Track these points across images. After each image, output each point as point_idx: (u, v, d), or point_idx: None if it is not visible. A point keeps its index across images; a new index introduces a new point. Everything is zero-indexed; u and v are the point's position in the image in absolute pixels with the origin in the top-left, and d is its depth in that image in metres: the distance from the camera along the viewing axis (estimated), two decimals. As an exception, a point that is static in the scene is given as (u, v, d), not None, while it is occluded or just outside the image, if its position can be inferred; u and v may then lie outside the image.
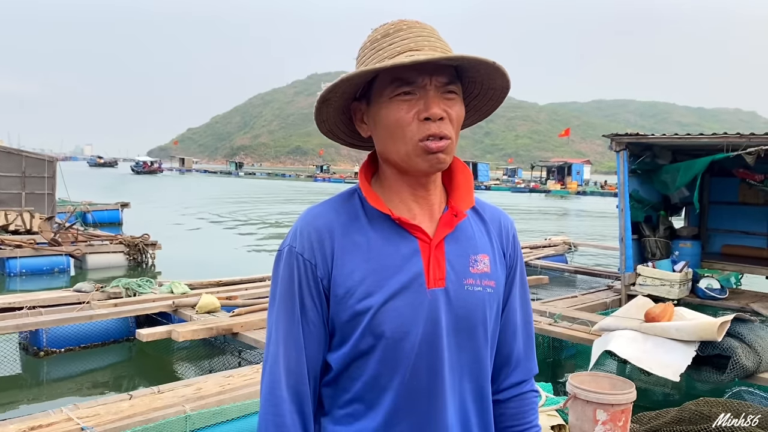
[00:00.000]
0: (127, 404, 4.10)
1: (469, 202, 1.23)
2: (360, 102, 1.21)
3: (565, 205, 39.21)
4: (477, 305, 1.20)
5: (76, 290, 7.18)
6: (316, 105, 1.17)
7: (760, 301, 7.54)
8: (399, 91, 1.12)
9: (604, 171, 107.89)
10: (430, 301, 1.15)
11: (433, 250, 1.17)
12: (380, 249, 1.16)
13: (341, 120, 1.25)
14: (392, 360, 1.14)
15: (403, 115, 1.12)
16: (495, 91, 1.23)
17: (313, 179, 75.15)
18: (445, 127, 1.13)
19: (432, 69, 1.12)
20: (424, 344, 1.14)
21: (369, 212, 1.20)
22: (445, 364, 1.16)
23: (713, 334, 4.64)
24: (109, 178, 45.78)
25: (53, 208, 14.56)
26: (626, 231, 7.45)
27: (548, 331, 6.08)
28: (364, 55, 1.18)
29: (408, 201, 1.21)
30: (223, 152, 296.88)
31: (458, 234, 1.22)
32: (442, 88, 1.13)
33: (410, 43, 1.12)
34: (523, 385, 1.34)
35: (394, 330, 1.13)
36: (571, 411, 3.41)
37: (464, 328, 1.19)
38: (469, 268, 1.21)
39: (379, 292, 1.14)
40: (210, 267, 11.63)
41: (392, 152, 1.16)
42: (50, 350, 6.39)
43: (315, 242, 1.17)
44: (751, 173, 8.05)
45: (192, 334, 5.99)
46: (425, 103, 1.12)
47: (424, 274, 1.16)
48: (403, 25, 1.16)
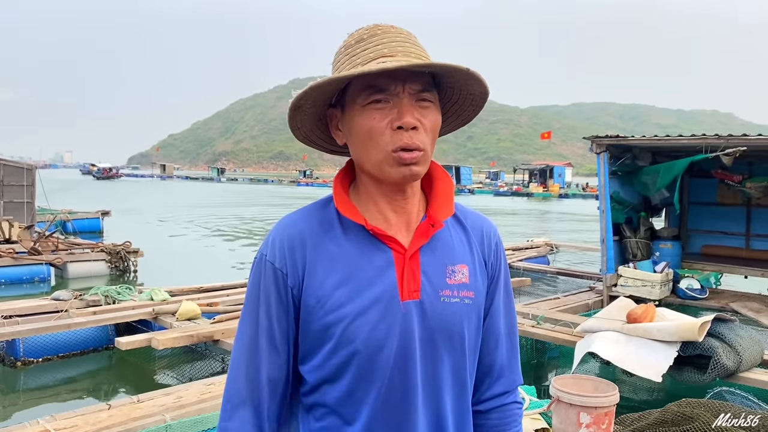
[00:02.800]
0: (105, 414, 4.03)
1: (448, 211, 1.20)
2: (335, 108, 1.18)
3: (547, 207, 39.46)
4: (454, 317, 1.17)
5: (54, 299, 7.07)
6: (289, 113, 1.14)
7: (739, 301, 7.62)
8: (371, 98, 1.09)
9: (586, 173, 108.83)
10: (404, 314, 1.12)
11: (407, 261, 1.14)
12: (353, 260, 1.14)
13: (317, 126, 1.22)
14: (367, 374, 1.12)
15: (375, 123, 1.09)
16: (474, 96, 1.20)
17: (296, 184, 75.01)
18: (419, 136, 1.09)
19: (405, 76, 1.08)
20: (399, 358, 1.12)
21: (344, 221, 1.17)
22: (418, 378, 1.13)
23: (694, 334, 4.67)
24: (69, 183, 45.21)
25: (32, 216, 14.35)
26: (607, 232, 7.50)
27: (531, 333, 6.09)
28: (339, 61, 1.15)
29: (385, 210, 1.18)
30: (205, 158, 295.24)
31: (435, 244, 1.19)
32: (416, 96, 1.10)
33: (383, 49, 1.10)
34: (506, 397, 1.30)
35: (368, 343, 1.10)
36: (554, 414, 3.41)
37: (441, 340, 1.16)
38: (446, 279, 1.18)
39: (350, 304, 1.11)
40: (193, 273, 11.52)
41: (365, 161, 1.14)
42: (27, 360, 6.28)
43: (287, 251, 1.14)
44: (729, 174, 8.15)
45: (172, 342, 5.91)
46: (398, 111, 1.09)
47: (397, 286, 1.13)
48: (378, 30, 1.13)
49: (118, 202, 28.19)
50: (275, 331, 1.16)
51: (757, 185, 8.04)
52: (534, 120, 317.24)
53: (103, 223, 19.34)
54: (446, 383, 1.18)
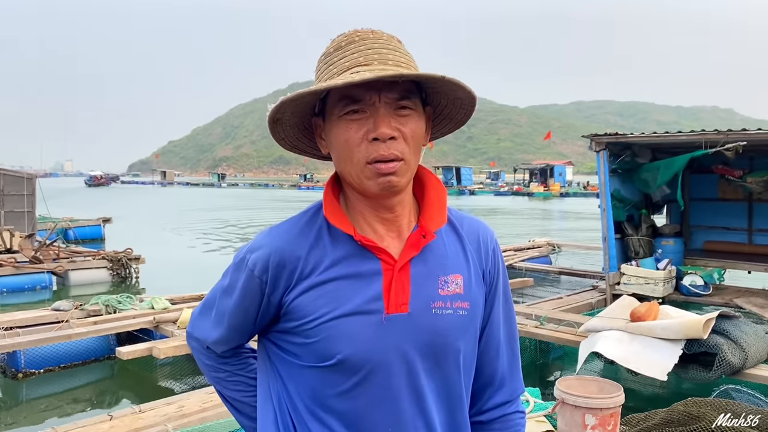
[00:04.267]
0: (107, 425, 4.01)
1: (441, 220, 1.16)
2: (318, 117, 1.15)
3: (549, 206, 39.42)
4: (447, 329, 1.13)
5: (55, 309, 7.04)
6: (269, 126, 1.12)
7: (743, 296, 7.58)
8: (347, 109, 1.06)
9: (586, 172, 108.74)
10: (387, 327, 1.09)
11: (396, 273, 1.11)
12: (340, 270, 1.10)
13: (304, 135, 1.19)
14: (349, 389, 1.09)
15: (351, 135, 1.06)
16: (462, 101, 1.16)
17: (297, 188, 75.07)
18: (396, 146, 1.05)
19: (381, 85, 1.04)
20: (382, 372, 1.08)
21: (332, 231, 1.13)
22: (404, 394, 1.10)
23: (699, 331, 4.64)
24: (59, 191, 45.47)
25: (33, 225, 14.35)
26: (609, 230, 7.46)
27: (534, 333, 6.05)
28: (319, 70, 1.12)
29: (372, 222, 1.14)
30: (205, 164, 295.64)
31: (427, 254, 1.15)
32: (394, 104, 1.06)
33: (359, 57, 1.06)
34: (508, 406, 1.27)
35: (347, 355, 1.07)
36: (559, 416, 3.37)
37: (432, 354, 1.12)
38: (438, 290, 1.13)
39: (330, 314, 1.08)
40: (195, 280, 11.49)
41: (346, 173, 1.11)
42: (29, 371, 6.26)
43: (271, 265, 1.11)
44: (730, 169, 8.12)
45: (174, 351, 5.88)
46: (374, 122, 1.05)
47: (382, 299, 1.09)
48: (356, 37, 1.10)
49: (102, 210, 27.94)
50: (238, 329, 1.21)
51: (758, 180, 8.00)
52: (533, 119, 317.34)
53: (105, 231, 19.33)
54: (436, 399, 1.14)
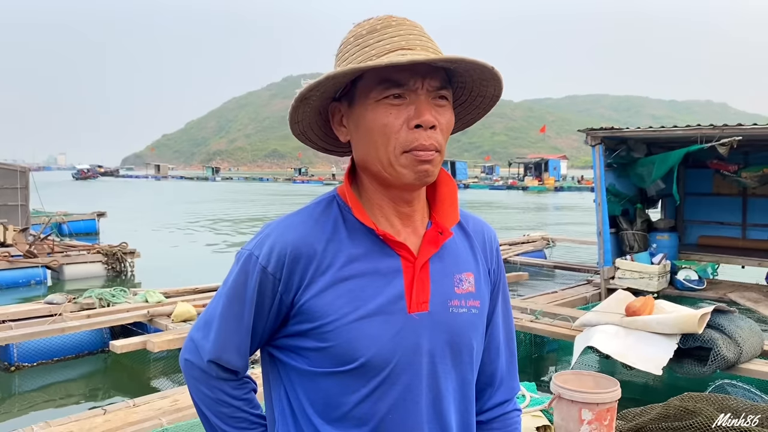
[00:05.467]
0: (101, 419, 3.98)
1: (455, 217, 1.13)
2: (340, 102, 1.10)
3: (543, 201, 39.47)
4: (463, 329, 1.11)
5: (48, 302, 7.00)
6: (294, 103, 1.06)
7: (737, 291, 7.60)
8: (388, 93, 1.01)
9: (581, 166, 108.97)
10: (410, 326, 1.06)
11: (417, 271, 1.08)
12: (359, 267, 1.06)
13: (316, 121, 1.14)
14: (368, 394, 1.04)
15: (391, 120, 1.01)
16: (484, 99, 1.14)
17: (292, 182, 74.96)
18: (436, 136, 1.03)
19: (425, 71, 1.01)
20: (403, 374, 1.05)
21: (350, 224, 1.09)
22: (423, 395, 1.07)
23: (694, 326, 4.64)
24: (44, 184, 45.52)
25: (27, 219, 14.27)
26: (604, 225, 7.46)
27: (530, 328, 6.05)
28: (347, 52, 1.06)
29: (390, 216, 1.10)
30: (199, 158, 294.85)
31: (442, 251, 1.12)
32: (434, 93, 1.03)
33: (401, 41, 1.02)
34: (506, 405, 1.26)
35: (369, 358, 1.03)
36: (555, 411, 3.37)
37: (449, 354, 1.10)
38: (454, 288, 1.11)
39: (352, 315, 1.03)
40: (190, 273, 11.46)
41: (374, 161, 1.05)
42: (21, 365, 6.22)
43: (287, 259, 1.05)
44: (725, 164, 8.12)
45: (168, 344, 5.85)
46: (417, 109, 1.01)
47: (405, 297, 1.06)
48: (393, 21, 1.05)
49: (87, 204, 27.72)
50: (252, 333, 1.10)
51: (752, 175, 8.01)
52: (528, 113, 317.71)
53: (99, 225, 19.23)
54: (452, 400, 1.11)
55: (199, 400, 1.16)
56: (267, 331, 1.11)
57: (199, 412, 1.18)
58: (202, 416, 1.18)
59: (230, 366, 1.13)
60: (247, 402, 1.16)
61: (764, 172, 7.93)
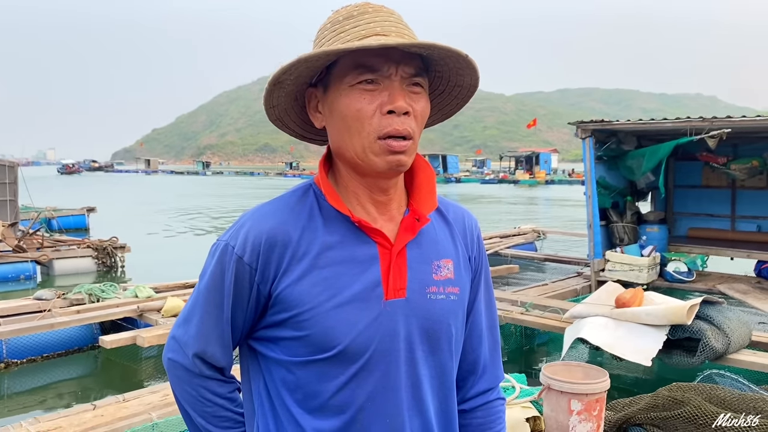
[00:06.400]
0: (90, 415, 3.97)
1: (432, 204, 1.13)
2: (316, 88, 1.10)
3: (534, 194, 39.58)
4: (441, 315, 1.11)
5: (37, 298, 6.95)
6: (267, 87, 1.05)
7: (726, 282, 7.66)
8: (361, 78, 1.02)
9: (572, 159, 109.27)
10: (387, 313, 1.06)
11: (394, 258, 1.08)
12: (335, 254, 1.06)
13: (292, 108, 1.14)
14: (347, 381, 1.05)
15: (364, 105, 1.02)
16: (461, 89, 1.14)
17: (283, 176, 74.83)
18: (409, 122, 1.03)
19: (399, 57, 1.02)
20: (380, 361, 1.05)
21: (325, 211, 1.09)
22: (402, 382, 1.07)
23: (683, 317, 4.67)
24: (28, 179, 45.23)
25: (16, 214, 14.15)
26: (594, 217, 7.49)
27: (520, 320, 6.07)
28: (323, 38, 1.07)
29: (366, 203, 1.11)
30: (189, 152, 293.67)
31: (420, 238, 1.12)
32: (408, 80, 1.04)
33: (376, 27, 1.02)
34: (490, 393, 1.26)
35: (347, 345, 1.03)
36: (545, 402, 3.38)
37: (427, 340, 1.10)
38: (432, 274, 1.12)
39: (328, 303, 1.03)
40: (181, 268, 11.40)
41: (348, 147, 1.06)
42: (10, 362, 6.18)
43: (263, 247, 1.05)
44: (714, 156, 8.16)
45: (158, 339, 5.83)
46: (390, 94, 1.02)
47: (381, 284, 1.06)
48: (369, 8, 1.06)
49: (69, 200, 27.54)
50: (232, 324, 1.10)
51: (741, 167, 8.06)
52: (519, 107, 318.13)
53: (89, 220, 19.11)
54: (431, 386, 1.12)
55: (183, 399, 1.15)
56: (247, 322, 1.10)
57: (183, 412, 1.17)
58: (185, 416, 1.17)
59: (214, 362, 1.12)
60: (231, 401, 1.16)
61: (753, 165, 7.98)
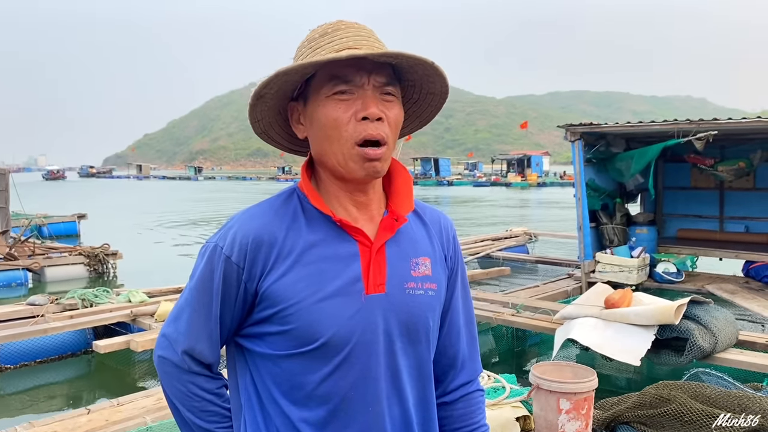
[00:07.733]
0: (84, 419, 3.99)
1: (409, 206, 1.21)
2: (297, 102, 1.18)
3: (526, 196, 39.69)
4: (419, 309, 1.18)
5: (30, 304, 6.96)
6: (251, 101, 1.13)
7: (714, 283, 7.74)
8: (336, 89, 1.10)
9: (563, 162, 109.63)
10: (367, 307, 1.12)
11: (374, 255, 1.15)
12: (318, 252, 1.13)
13: (277, 121, 1.22)
14: (330, 372, 1.11)
15: (340, 114, 1.10)
16: (434, 96, 1.22)
17: (275, 180, 74.73)
18: (383, 128, 1.11)
19: (370, 68, 1.10)
20: (361, 353, 1.12)
21: (308, 212, 1.17)
22: (382, 372, 1.14)
23: (671, 317, 4.73)
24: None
25: (7, 221, 14.09)
26: (584, 219, 7.55)
27: (511, 321, 6.12)
28: (302, 54, 1.15)
29: (347, 205, 1.18)
30: (181, 157, 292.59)
31: (399, 237, 1.20)
32: (381, 89, 1.12)
33: (348, 42, 1.11)
34: (470, 386, 1.34)
35: (329, 338, 1.10)
36: (535, 401, 3.43)
37: (406, 332, 1.17)
38: (411, 271, 1.19)
39: (312, 297, 1.10)
40: (173, 273, 11.41)
41: (328, 155, 1.13)
42: (4, 367, 6.18)
43: (249, 247, 1.12)
44: (702, 158, 8.24)
45: (152, 344, 5.84)
46: (363, 102, 1.10)
47: (362, 279, 1.13)
48: (342, 25, 1.15)
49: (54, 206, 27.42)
50: (220, 323, 1.15)
51: (728, 168, 8.14)
52: (510, 110, 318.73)
53: (80, 227, 19.03)
54: (410, 376, 1.18)
55: (172, 395, 1.20)
56: (235, 320, 1.16)
57: (172, 407, 1.22)
58: (174, 411, 1.21)
59: (203, 358, 1.18)
60: (218, 396, 1.21)
61: (740, 166, 8.07)
